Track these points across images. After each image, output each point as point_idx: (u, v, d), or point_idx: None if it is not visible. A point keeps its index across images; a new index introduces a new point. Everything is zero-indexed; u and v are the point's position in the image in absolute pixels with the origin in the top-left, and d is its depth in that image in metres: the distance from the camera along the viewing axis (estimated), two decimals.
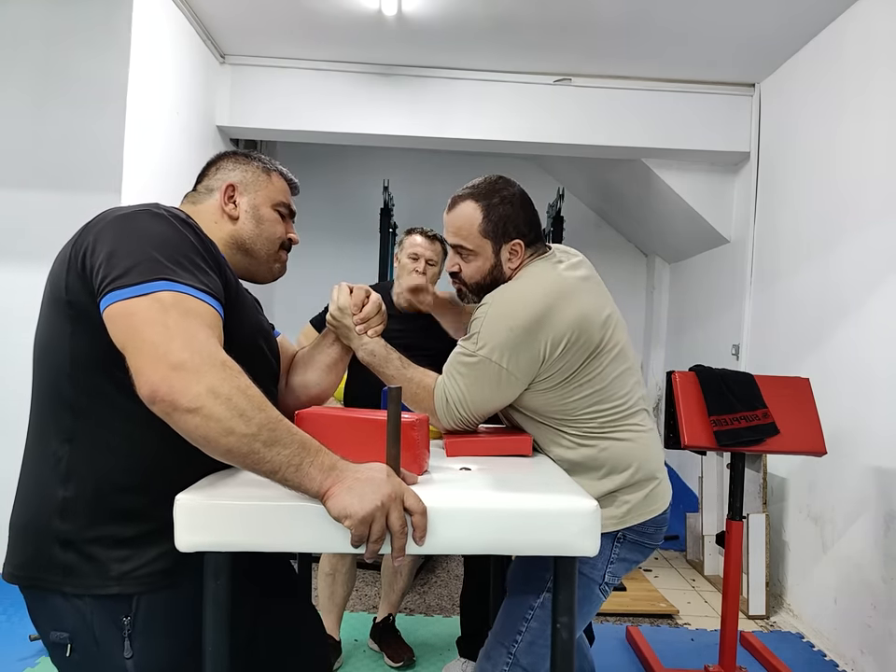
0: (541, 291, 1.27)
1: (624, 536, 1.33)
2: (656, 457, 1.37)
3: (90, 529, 0.92)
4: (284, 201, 1.17)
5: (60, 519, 0.92)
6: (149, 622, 0.92)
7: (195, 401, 0.78)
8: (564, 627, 0.92)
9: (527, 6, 2.92)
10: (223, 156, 1.18)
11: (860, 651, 2.46)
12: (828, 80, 2.94)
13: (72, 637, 0.92)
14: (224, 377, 0.81)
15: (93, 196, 2.68)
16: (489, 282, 1.36)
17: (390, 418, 0.91)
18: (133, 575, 0.91)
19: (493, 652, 1.35)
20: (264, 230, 1.14)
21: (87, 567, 0.91)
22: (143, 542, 0.92)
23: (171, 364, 0.79)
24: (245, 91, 3.61)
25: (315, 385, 1.27)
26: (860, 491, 2.54)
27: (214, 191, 1.13)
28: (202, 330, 0.84)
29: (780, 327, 3.25)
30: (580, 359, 1.27)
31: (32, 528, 0.94)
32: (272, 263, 1.17)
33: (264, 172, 1.17)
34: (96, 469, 0.92)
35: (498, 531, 0.88)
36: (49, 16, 2.70)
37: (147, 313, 0.83)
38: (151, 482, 0.93)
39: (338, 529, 0.83)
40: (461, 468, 1.11)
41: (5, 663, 2.07)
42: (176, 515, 0.85)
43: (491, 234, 1.33)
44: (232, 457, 0.81)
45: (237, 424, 0.79)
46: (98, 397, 0.93)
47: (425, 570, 3.34)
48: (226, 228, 1.11)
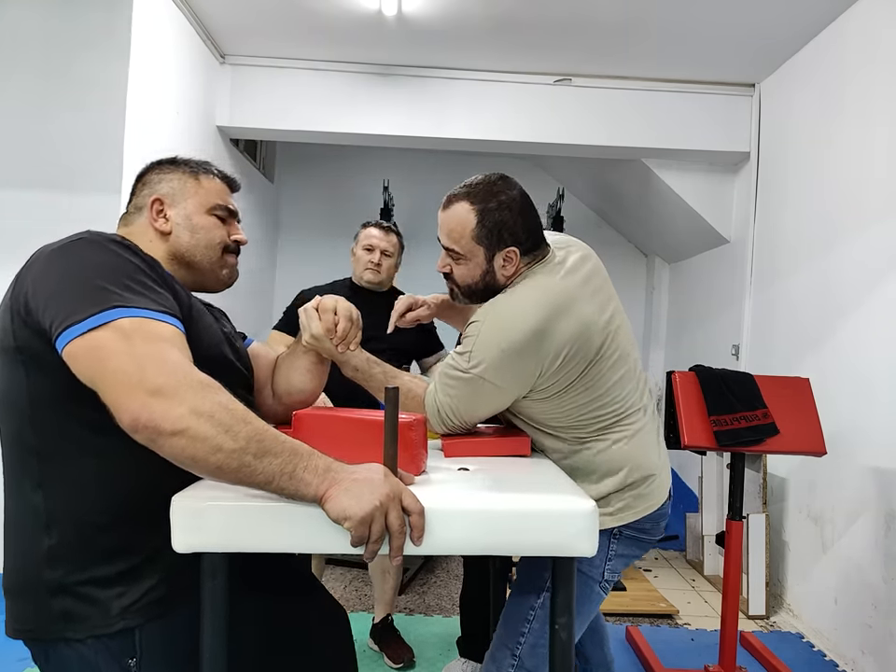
0: (536, 307, 1.21)
1: (620, 532, 1.33)
2: (652, 453, 1.35)
3: (80, 573, 0.91)
4: (219, 203, 1.12)
5: (49, 568, 0.91)
6: (153, 652, 0.93)
7: (178, 423, 0.77)
8: (562, 628, 0.92)
9: (527, 6, 2.92)
10: (148, 168, 1.13)
11: (860, 651, 2.46)
12: (828, 80, 2.94)
13: None
14: (204, 395, 0.80)
15: (93, 196, 2.68)
16: (481, 287, 1.31)
17: (387, 419, 0.91)
18: (132, 609, 0.91)
19: (497, 654, 1.34)
20: (200, 238, 1.09)
21: (87, 609, 0.90)
22: (135, 576, 0.92)
23: (148, 390, 0.78)
24: (244, 91, 3.61)
25: (299, 390, 1.25)
26: (860, 491, 2.54)
27: (143, 209, 1.09)
28: (171, 352, 0.83)
29: (780, 327, 3.25)
30: (577, 370, 1.25)
31: (24, 580, 0.93)
32: (218, 271, 1.12)
33: (192, 176, 1.11)
34: (73, 512, 0.91)
35: (496, 532, 0.88)
36: (50, 17, 2.70)
37: (110, 344, 0.81)
38: (129, 516, 0.93)
39: (335, 530, 0.83)
40: (459, 468, 1.11)
41: (5, 663, 2.07)
42: (173, 516, 0.84)
43: (485, 241, 1.26)
44: (223, 474, 0.80)
45: (224, 440, 0.78)
46: (62, 438, 0.91)
47: (424, 570, 3.34)
48: (161, 244, 1.07)
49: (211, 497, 0.87)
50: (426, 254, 5.57)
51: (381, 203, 4.45)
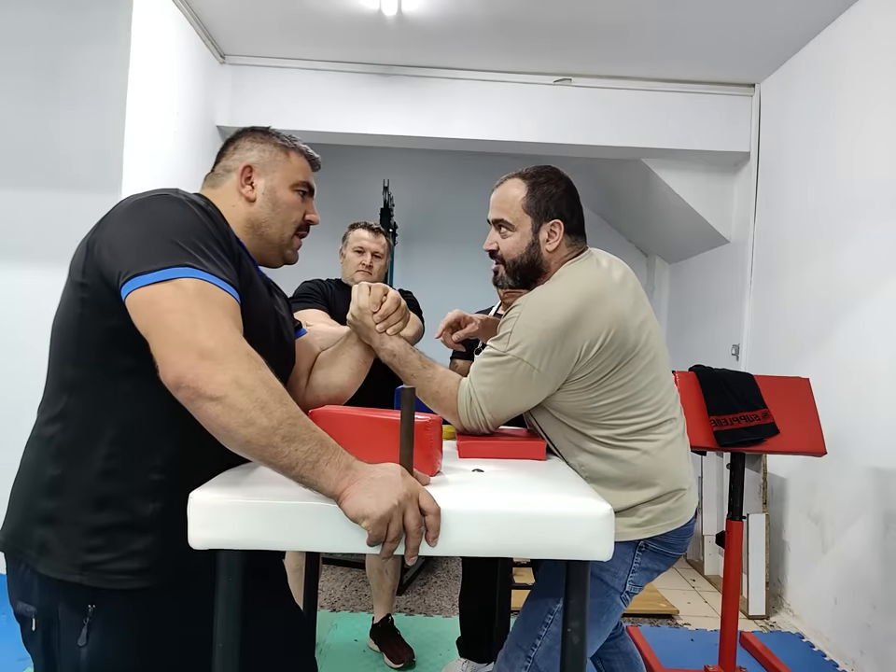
0: (575, 292, 1.26)
1: (647, 545, 1.31)
2: (683, 467, 1.34)
3: (71, 512, 0.92)
4: (303, 179, 1.16)
5: (46, 496, 0.93)
6: (110, 618, 0.93)
7: (219, 390, 0.79)
8: (575, 632, 0.91)
9: (528, 6, 2.92)
10: (241, 133, 1.17)
11: (860, 652, 2.46)
12: (828, 80, 2.94)
13: (38, 612, 0.93)
14: (248, 368, 0.81)
15: (93, 196, 2.68)
16: (526, 261, 1.35)
17: (403, 419, 0.91)
18: (99, 568, 0.92)
19: (511, 655, 1.33)
20: (280, 213, 1.12)
21: (60, 549, 0.92)
22: (116, 534, 0.93)
23: (198, 352, 0.80)
24: (244, 91, 3.61)
25: (336, 386, 1.26)
26: (859, 491, 2.54)
27: (231, 172, 1.12)
28: (225, 321, 0.85)
29: (780, 327, 3.25)
30: (613, 362, 1.25)
31: (22, 502, 0.96)
32: (284, 249, 1.16)
33: (282, 150, 1.15)
34: (82, 451, 0.93)
35: (510, 534, 0.88)
36: (50, 17, 2.70)
37: (170, 301, 0.83)
38: (132, 471, 0.94)
39: (351, 529, 0.83)
40: (474, 469, 1.10)
41: (5, 662, 2.07)
42: (190, 512, 0.85)
43: (532, 210, 1.33)
44: (250, 449, 0.81)
45: (258, 416, 0.79)
46: (94, 380, 0.94)
47: (425, 570, 3.34)
48: (243, 210, 1.10)
49: (228, 494, 0.87)
50: (425, 254, 5.58)
51: (381, 203, 4.45)
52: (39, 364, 1.03)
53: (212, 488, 0.89)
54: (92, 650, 0.92)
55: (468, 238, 4.86)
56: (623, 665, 1.57)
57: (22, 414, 1.19)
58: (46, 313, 1.03)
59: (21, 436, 1.01)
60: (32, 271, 2.70)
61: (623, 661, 1.57)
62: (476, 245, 4.81)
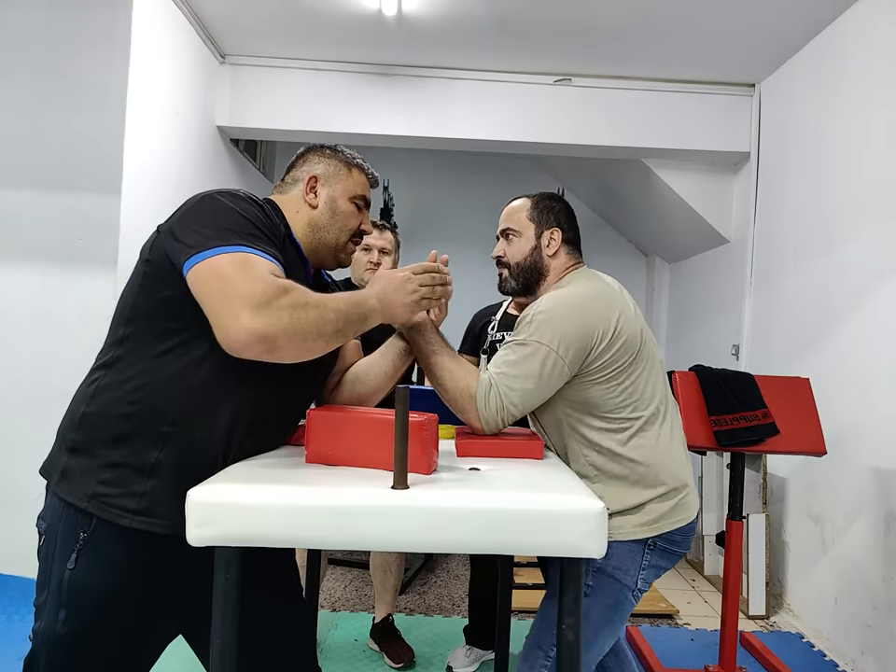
0: (584, 291, 1.39)
1: (655, 543, 1.35)
2: (686, 468, 1.40)
3: (93, 444, 1.03)
4: (361, 193, 1.28)
5: (76, 429, 1.05)
6: (100, 550, 1.01)
7: (271, 328, 0.93)
8: (570, 628, 0.92)
9: (527, 6, 2.92)
10: (311, 149, 1.29)
11: (860, 652, 2.46)
12: (828, 80, 2.94)
13: (46, 529, 1.05)
14: (292, 300, 0.96)
15: (93, 196, 2.68)
16: (529, 263, 1.49)
17: (398, 417, 0.92)
18: (103, 500, 1.00)
19: (530, 656, 1.35)
20: (338, 220, 1.24)
21: (77, 476, 1.02)
22: (124, 472, 1.01)
23: (252, 306, 0.93)
24: (244, 92, 3.61)
25: (372, 381, 1.33)
26: (860, 491, 2.54)
27: (299, 182, 1.24)
28: (262, 268, 0.98)
29: (780, 327, 3.25)
30: (622, 357, 1.32)
31: (60, 434, 1.09)
32: (339, 253, 1.27)
33: (346, 166, 1.27)
34: (111, 393, 1.04)
35: (505, 531, 0.88)
36: (50, 17, 2.70)
37: (228, 266, 0.96)
38: (146, 418, 1.03)
39: (346, 525, 0.84)
40: (470, 468, 1.11)
41: (5, 662, 2.07)
42: (188, 510, 0.86)
43: (535, 218, 1.51)
44: (329, 348, 1.04)
45: (315, 343, 0.99)
46: (139, 336, 1.06)
47: (425, 570, 3.34)
48: (306, 215, 1.22)
49: (226, 492, 0.88)
50: (425, 253, 5.57)
51: (381, 203, 4.46)
52: (40, 363, 1.04)
53: (209, 486, 0.89)
54: (77, 574, 1.00)
55: (468, 238, 4.86)
56: (614, 663, 1.57)
57: (23, 413, 1.19)
58: (46, 313, 1.04)
59: (21, 435, 1.02)
60: (32, 271, 2.70)
61: (614, 658, 1.58)
62: (476, 244, 4.83)
